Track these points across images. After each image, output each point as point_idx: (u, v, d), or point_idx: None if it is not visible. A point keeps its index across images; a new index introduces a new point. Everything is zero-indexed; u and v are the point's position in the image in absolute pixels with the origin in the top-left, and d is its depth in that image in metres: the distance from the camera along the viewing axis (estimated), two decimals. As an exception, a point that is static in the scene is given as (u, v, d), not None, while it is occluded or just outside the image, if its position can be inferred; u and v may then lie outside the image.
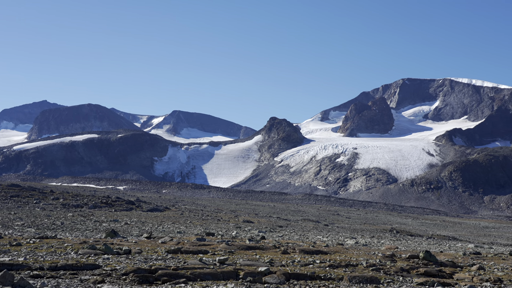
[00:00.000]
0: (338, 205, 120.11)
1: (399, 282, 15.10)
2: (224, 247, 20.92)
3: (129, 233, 29.85)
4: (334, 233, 43.86)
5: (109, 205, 52.88)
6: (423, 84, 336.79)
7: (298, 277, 14.76)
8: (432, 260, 19.74)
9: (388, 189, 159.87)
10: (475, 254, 26.52)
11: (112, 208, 50.93)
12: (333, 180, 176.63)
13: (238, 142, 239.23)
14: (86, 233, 28.19)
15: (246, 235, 32.20)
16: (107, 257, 16.56)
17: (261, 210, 76.40)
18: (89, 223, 34.43)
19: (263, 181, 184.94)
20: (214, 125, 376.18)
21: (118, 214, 45.12)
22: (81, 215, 40.64)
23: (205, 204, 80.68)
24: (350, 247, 26.41)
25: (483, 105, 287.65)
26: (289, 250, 21.29)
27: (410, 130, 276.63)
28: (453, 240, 50.06)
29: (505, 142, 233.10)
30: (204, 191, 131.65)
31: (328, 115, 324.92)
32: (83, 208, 48.16)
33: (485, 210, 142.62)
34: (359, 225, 62.79)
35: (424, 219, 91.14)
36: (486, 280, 16.22)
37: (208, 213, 58.03)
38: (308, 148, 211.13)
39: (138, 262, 15.99)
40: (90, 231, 29.49)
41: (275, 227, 45.69)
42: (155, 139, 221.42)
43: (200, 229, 35.79)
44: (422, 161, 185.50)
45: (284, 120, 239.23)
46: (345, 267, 17.17)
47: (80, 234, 27.60)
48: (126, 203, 56.12)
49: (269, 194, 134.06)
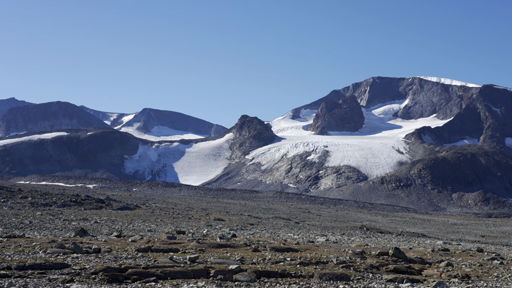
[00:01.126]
0: (309, 202, 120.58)
1: (369, 279, 15.21)
2: (194, 245, 20.85)
3: (99, 231, 29.58)
4: (305, 231, 44.02)
5: (79, 203, 52.34)
6: (393, 82, 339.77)
7: (269, 274, 14.77)
8: (401, 257, 19.93)
9: (359, 186, 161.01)
10: (444, 251, 26.84)
11: (81, 206, 50.43)
12: (304, 178, 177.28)
13: (209, 140, 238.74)
14: (55, 232, 27.86)
15: (217, 233, 32.17)
16: (76, 256, 16.39)
17: (232, 208, 76.36)
18: (58, 222, 34.04)
19: (234, 179, 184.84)
20: (185, 123, 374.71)
21: (87, 213, 44.69)
22: (50, 214, 40.15)
23: (176, 202, 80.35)
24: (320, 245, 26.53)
25: (452, 104, 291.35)
26: (260, 248, 21.31)
27: (380, 128, 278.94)
28: (422, 237, 50.63)
29: (473, 140, 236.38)
30: (175, 189, 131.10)
31: (299, 113, 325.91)
32: (52, 207, 47.58)
33: (453, 207, 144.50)
34: (329, 222, 63.12)
35: (394, 217, 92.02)
36: (454, 276, 16.43)
37: (179, 211, 57.81)
38: (279, 146, 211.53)
39: (107, 261, 15.86)
40: (59, 230, 29.16)
41: (246, 225, 45.69)
42: (125, 137, 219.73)
43: (170, 228, 35.63)
44: (392, 159, 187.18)
45: (255, 118, 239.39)
46: (316, 265, 17.23)
47: (48, 233, 27.26)
48: (96, 201, 55.60)
49: (240, 192, 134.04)
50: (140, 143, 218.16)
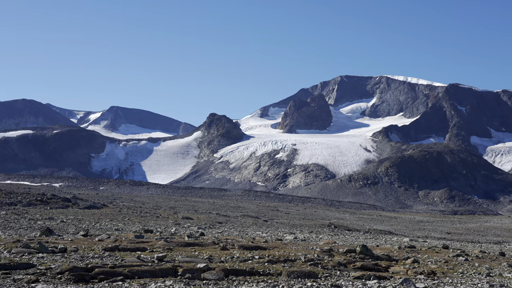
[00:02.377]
0: (277, 201, 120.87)
1: (336, 276, 15.30)
2: (162, 244, 20.73)
3: (65, 231, 29.22)
4: (273, 229, 44.11)
5: (44, 202, 51.62)
6: (360, 81, 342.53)
7: (237, 273, 14.76)
8: (368, 254, 20.09)
9: (327, 184, 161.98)
10: (410, 248, 27.14)
11: (47, 205, 49.75)
12: (272, 176, 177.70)
13: (178, 138, 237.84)
14: (20, 232, 27.44)
15: (185, 232, 32.04)
16: (41, 256, 16.16)
17: (201, 207, 76.15)
18: (23, 221, 33.54)
19: (202, 178, 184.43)
20: (153, 121, 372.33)
21: (53, 212, 44.12)
22: (14, 213, 39.55)
23: (143, 201, 79.81)
24: (289, 243, 26.60)
25: (418, 102, 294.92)
26: (228, 246, 21.28)
27: (348, 127, 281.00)
28: (389, 234, 51.15)
29: (439, 138, 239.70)
30: (143, 187, 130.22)
31: (267, 112, 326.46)
32: (17, 206, 46.84)
33: (419, 204, 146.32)
34: (298, 220, 63.37)
35: (361, 214, 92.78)
36: (420, 272, 16.62)
37: (147, 210, 57.45)
38: (247, 144, 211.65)
39: (74, 261, 15.67)
40: (24, 230, 28.73)
41: (214, 223, 45.62)
42: (92, 135, 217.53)
43: (138, 226, 35.39)
44: (359, 157, 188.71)
45: (224, 116, 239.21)
46: (284, 262, 17.27)
47: (13, 232, 26.83)
48: (62, 200, 54.91)
49: (208, 191, 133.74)
50: (107, 142, 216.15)
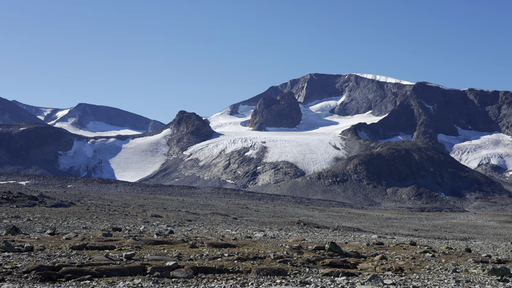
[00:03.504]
0: (247, 198, 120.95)
1: (305, 273, 15.35)
2: (131, 242, 20.58)
3: (32, 229, 28.82)
4: (243, 226, 44.12)
5: (11, 201, 50.87)
6: (329, 79, 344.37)
7: (206, 270, 14.72)
8: (337, 251, 20.20)
9: (296, 182, 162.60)
10: (378, 245, 27.36)
11: (13, 204, 49.03)
12: (242, 173, 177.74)
13: (147, 136, 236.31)
14: (-15, 231, 26.99)
15: (154, 230, 31.87)
16: (7, 255, 15.91)
17: (170, 204, 75.82)
18: (-12, 220, 33.00)
19: (172, 175, 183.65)
20: (121, 118, 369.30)
21: (20, 210, 43.50)
22: (-20, 211, 38.89)
23: (112, 199, 79.15)
24: (258, 240, 26.62)
25: (387, 100, 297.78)
26: (198, 244, 21.21)
27: (317, 124, 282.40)
28: (357, 231, 51.54)
29: (407, 136, 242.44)
30: (111, 185, 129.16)
31: (237, 109, 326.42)
32: (-18, 205, 46.10)
33: (388, 201, 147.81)
34: (267, 218, 63.49)
35: (330, 211, 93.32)
36: (388, 269, 16.77)
37: (115, 208, 56.99)
38: (217, 142, 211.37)
39: (40, 259, 15.46)
40: (-10, 228, 28.26)
41: (183, 221, 45.47)
42: (60, 132, 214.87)
43: (106, 225, 35.07)
44: (328, 155, 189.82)
45: (193, 114, 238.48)
46: (253, 260, 17.27)
47: (-22, 231, 26.38)
48: (28, 198, 54.16)
49: (178, 188, 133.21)
50: (75, 139, 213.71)
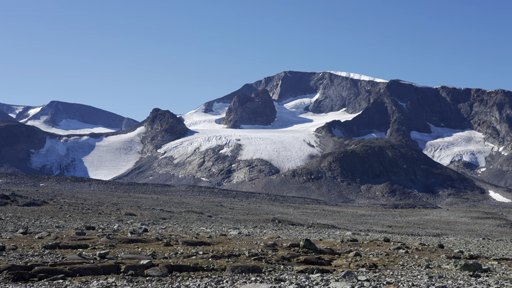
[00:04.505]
0: (221, 196, 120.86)
1: (280, 270, 15.38)
2: (105, 241, 20.44)
3: (3, 229, 28.47)
4: (218, 224, 44.09)
5: (-18, 200, 50.18)
6: (304, 77, 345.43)
7: (181, 268, 14.67)
8: (312, 248, 20.28)
9: (271, 179, 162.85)
10: (352, 241, 27.54)
11: (-15, 203, 48.38)
12: (216, 171, 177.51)
13: (120, 134, 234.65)
14: (-45, 230, 26.59)
15: (128, 228, 31.69)
16: (-22, 255, 15.70)
17: (144, 203, 75.45)
18: (-41, 220, 32.51)
19: (146, 173, 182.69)
20: (95, 116, 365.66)
21: (-9, 209, 42.92)
22: (-50, 211, 38.30)
23: (85, 197, 78.51)
24: (233, 238, 26.62)
25: (360, 98, 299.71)
26: (172, 242, 21.15)
27: (291, 122, 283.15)
28: (332, 228, 51.82)
29: (380, 133, 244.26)
30: (85, 184, 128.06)
31: (211, 107, 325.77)
32: (-48, 204, 45.40)
33: (362, 198, 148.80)
34: (242, 215, 63.52)
35: (305, 209, 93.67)
36: (362, 265, 16.89)
37: (89, 206, 56.54)
38: (191, 139, 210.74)
39: (12, 259, 15.28)
40: (-40, 228, 27.85)
41: (158, 219, 45.29)
42: (32, 130, 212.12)
43: (80, 223, 34.79)
44: (303, 152, 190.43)
45: (168, 112, 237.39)
46: (228, 258, 17.27)
47: (-52, 231, 25.98)
48: (0, 197, 53.47)
49: (152, 186, 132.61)
50: (47, 137, 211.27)
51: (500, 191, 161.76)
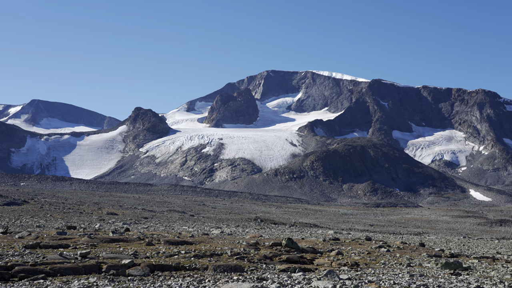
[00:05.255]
0: (204, 195, 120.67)
1: (262, 269, 15.38)
2: (86, 240, 20.31)
3: (-17, 228, 28.17)
4: (200, 223, 44.02)
5: (-39, 199, 49.64)
6: (286, 76, 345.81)
7: (163, 268, 14.62)
8: (294, 247, 20.32)
9: (253, 178, 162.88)
10: (334, 240, 27.63)
11: (-36, 202, 47.87)
12: (199, 170, 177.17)
13: (102, 133, 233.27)
14: None
15: (110, 228, 31.52)
16: (-43, 255, 15.52)
17: (126, 202, 75.12)
18: None
19: (128, 172, 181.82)
20: (76, 115, 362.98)
21: (-29, 209, 42.48)
22: None
23: (66, 196, 77.98)
24: (215, 237, 26.59)
25: (343, 97, 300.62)
26: (154, 242, 21.07)
27: (274, 121, 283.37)
28: (314, 227, 51.96)
29: (362, 132, 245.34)
30: (66, 183, 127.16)
31: (194, 106, 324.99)
32: None
33: (344, 197, 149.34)
34: (224, 214, 63.47)
35: (287, 208, 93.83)
36: (344, 264, 16.94)
37: (70, 206, 56.16)
38: (174, 138, 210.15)
39: (-8, 259, 15.12)
40: None
41: (140, 218, 45.11)
42: (12, 129, 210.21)
43: (61, 223, 34.54)
44: (285, 151, 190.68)
45: (150, 111, 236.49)
46: (210, 257, 17.24)
47: None
48: (-20, 197, 52.94)
49: (134, 186, 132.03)
50: (28, 136, 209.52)
51: (480, 190, 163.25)
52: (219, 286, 12.68)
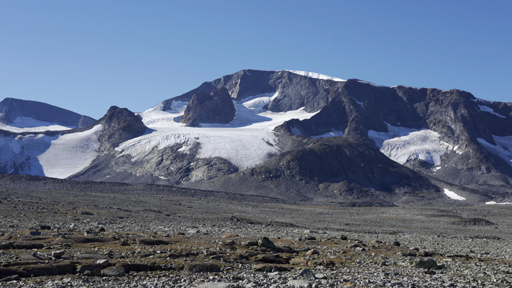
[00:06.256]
0: (180, 194, 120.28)
1: (238, 269, 15.37)
2: (60, 240, 20.10)
3: (-45, 228, 27.79)
4: (176, 223, 43.87)
5: None
6: (263, 75, 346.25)
7: (138, 268, 14.52)
8: (270, 247, 20.33)
9: (229, 178, 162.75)
10: (310, 239, 27.70)
11: None
12: (175, 170, 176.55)
13: (77, 132, 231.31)
14: None
15: (85, 228, 31.25)
16: None
17: (101, 202, 74.57)
18: None
19: (103, 172, 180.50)
20: (50, 113, 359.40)
21: None
22: None
23: (40, 196, 77.18)
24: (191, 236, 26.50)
25: (319, 97, 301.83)
26: (129, 241, 20.93)
27: (250, 121, 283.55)
28: (290, 226, 52.07)
29: (338, 132, 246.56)
30: (40, 182, 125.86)
31: (170, 105, 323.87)
32: None
33: (320, 197, 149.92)
34: (200, 214, 63.33)
35: (264, 207, 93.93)
36: (319, 263, 16.99)
37: (44, 205, 55.59)
38: (150, 138, 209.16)
39: (-36, 260, 14.90)
40: None
41: (115, 218, 44.81)
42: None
43: (35, 223, 34.17)
44: (262, 151, 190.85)
45: (125, 110, 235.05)
46: (186, 256, 17.17)
47: None
48: (-48, 196, 52.17)
49: (109, 185, 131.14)
50: (1, 135, 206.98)
51: (454, 189, 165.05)
52: (195, 285, 12.64)
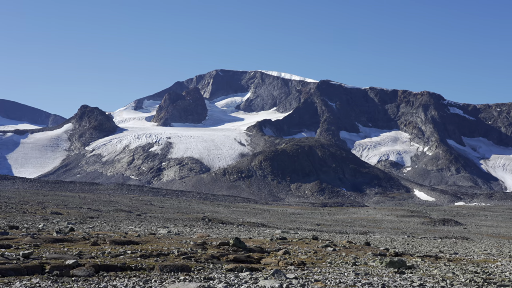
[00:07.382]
0: (151, 194, 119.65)
1: (209, 269, 15.34)
2: (29, 240, 19.86)
3: None
4: (147, 223, 43.63)
5: None
6: (235, 75, 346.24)
7: (108, 268, 14.41)
8: (241, 247, 20.33)
9: (201, 178, 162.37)
10: (282, 240, 27.78)
11: None
12: (146, 169, 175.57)
13: (47, 131, 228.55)
14: None
15: (54, 227, 30.92)
16: None
17: (71, 201, 73.83)
18: None
19: (73, 171, 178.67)
20: (19, 112, 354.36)
21: None
22: None
23: (9, 195, 76.12)
24: (162, 237, 26.38)
25: (291, 98, 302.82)
26: (99, 242, 20.76)
27: (223, 121, 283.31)
28: (262, 226, 52.14)
29: (310, 132, 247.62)
30: (8, 182, 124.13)
31: (142, 104, 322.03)
32: None
33: (292, 197, 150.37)
34: (172, 214, 63.07)
35: (235, 207, 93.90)
36: (290, 263, 17.04)
37: (13, 205, 54.83)
38: (121, 137, 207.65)
39: None
40: None
41: (85, 218, 44.40)
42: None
43: (3, 223, 33.69)
44: (234, 151, 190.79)
45: (96, 109, 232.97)
46: (157, 257, 17.09)
47: None
48: None
49: (79, 185, 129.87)
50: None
51: (424, 190, 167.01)
52: (166, 286, 12.58)
